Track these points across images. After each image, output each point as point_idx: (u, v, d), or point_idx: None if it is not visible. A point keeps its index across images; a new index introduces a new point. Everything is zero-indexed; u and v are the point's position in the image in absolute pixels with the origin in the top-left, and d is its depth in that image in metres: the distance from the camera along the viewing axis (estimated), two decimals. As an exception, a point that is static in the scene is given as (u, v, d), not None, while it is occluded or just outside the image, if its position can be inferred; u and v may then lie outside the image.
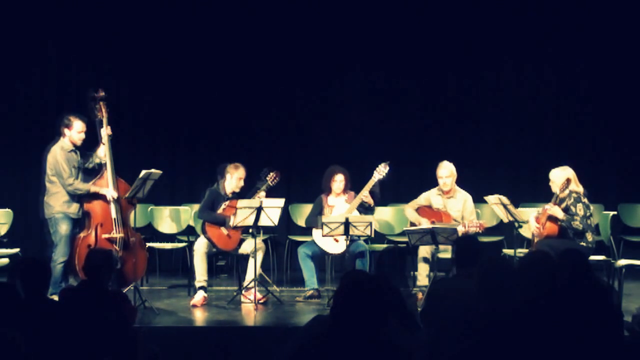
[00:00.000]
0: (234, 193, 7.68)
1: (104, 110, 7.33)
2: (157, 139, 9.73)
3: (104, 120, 7.30)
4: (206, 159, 9.54)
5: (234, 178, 7.64)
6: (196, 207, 7.90)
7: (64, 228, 7.11)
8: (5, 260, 7.41)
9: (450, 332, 3.89)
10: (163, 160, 9.06)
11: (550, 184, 7.28)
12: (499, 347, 3.51)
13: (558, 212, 7.11)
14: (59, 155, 7.14)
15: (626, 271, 7.16)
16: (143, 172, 7.20)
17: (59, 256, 7.00)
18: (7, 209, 8.32)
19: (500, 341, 3.51)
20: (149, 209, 8.95)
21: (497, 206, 7.55)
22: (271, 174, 7.68)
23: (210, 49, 9.58)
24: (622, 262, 7.26)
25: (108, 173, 7.19)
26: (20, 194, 9.14)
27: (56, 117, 7.40)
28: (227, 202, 7.62)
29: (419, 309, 6.22)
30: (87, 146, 7.41)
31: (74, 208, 7.17)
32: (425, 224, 7.51)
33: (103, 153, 7.27)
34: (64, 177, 7.10)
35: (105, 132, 7.27)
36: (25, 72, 9.44)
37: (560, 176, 7.19)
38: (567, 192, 7.16)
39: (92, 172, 7.35)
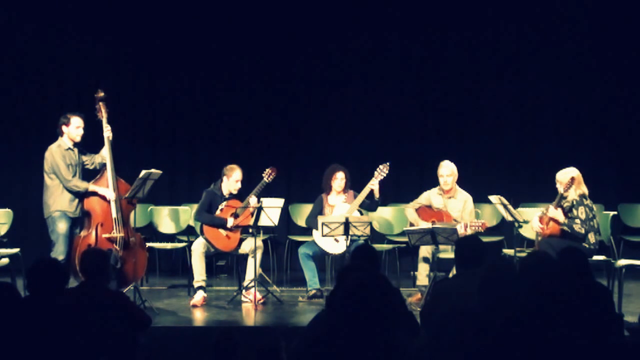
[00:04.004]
0: (231, 194, 7.69)
1: (103, 110, 7.35)
2: (157, 139, 9.74)
3: (104, 121, 7.32)
4: (206, 159, 9.55)
5: (231, 180, 7.64)
6: (196, 207, 7.90)
7: (61, 227, 7.11)
8: (6, 260, 7.40)
9: (450, 333, 3.89)
10: (163, 160, 9.06)
11: (557, 184, 7.28)
12: (500, 348, 3.50)
13: (559, 216, 7.10)
14: (55, 153, 7.17)
15: (626, 271, 7.16)
16: (143, 172, 7.21)
17: (57, 255, 6.98)
18: (7, 209, 8.31)
19: (501, 342, 3.51)
20: (149, 209, 8.94)
21: (498, 206, 7.56)
22: (267, 170, 7.67)
23: (210, 49, 9.59)
24: (622, 262, 7.26)
25: (108, 173, 7.19)
26: (20, 194, 9.15)
27: (56, 117, 7.39)
28: (224, 203, 7.63)
29: (418, 309, 6.23)
30: (91, 147, 7.42)
31: (73, 206, 7.17)
32: (423, 226, 7.51)
33: (105, 153, 7.29)
34: (62, 174, 7.11)
35: (105, 132, 7.29)
36: (25, 72, 9.44)
37: (566, 176, 7.18)
38: (570, 193, 7.15)
39: (94, 173, 7.37)
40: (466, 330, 3.60)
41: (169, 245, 8.73)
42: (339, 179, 7.92)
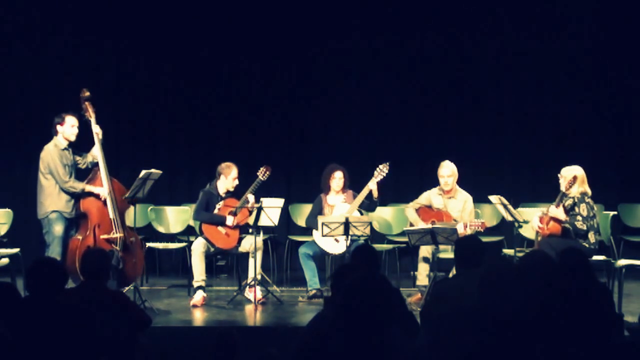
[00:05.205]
0: (228, 192, 7.70)
1: (90, 110, 7.33)
2: (157, 139, 9.73)
3: (92, 120, 7.30)
4: (206, 159, 9.53)
5: (229, 178, 7.65)
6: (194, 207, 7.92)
7: (57, 229, 7.07)
8: (6, 260, 7.39)
9: (450, 333, 3.89)
10: (163, 160, 9.05)
11: (560, 179, 7.29)
12: (499, 348, 3.50)
13: (560, 214, 7.11)
14: (53, 153, 7.14)
15: (626, 271, 7.16)
16: (143, 172, 7.21)
17: (53, 256, 6.95)
18: (7, 209, 8.31)
19: (501, 342, 3.51)
20: (149, 209, 8.94)
21: (498, 206, 7.57)
22: (261, 169, 7.68)
23: (210, 49, 9.58)
24: (622, 262, 7.26)
25: (101, 172, 7.17)
26: (20, 194, 9.13)
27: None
28: (221, 202, 7.63)
29: (418, 309, 6.23)
30: (83, 147, 7.41)
31: (69, 207, 7.14)
32: (423, 226, 7.51)
33: (96, 152, 7.27)
34: (59, 174, 7.09)
35: (94, 131, 7.28)
36: (25, 72, 9.43)
37: (570, 173, 7.20)
38: (572, 191, 7.17)
39: (86, 172, 7.35)
40: (466, 331, 3.60)
41: (168, 245, 8.73)
42: (337, 179, 7.92)
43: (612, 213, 8.05)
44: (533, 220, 7.39)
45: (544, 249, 6.56)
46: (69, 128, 7.22)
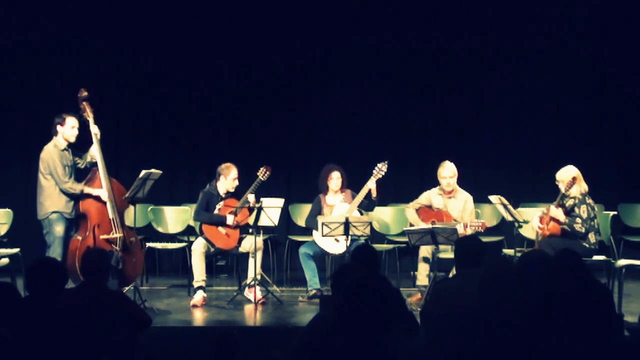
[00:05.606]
0: (228, 193, 7.70)
1: (88, 110, 7.32)
2: (157, 138, 9.74)
3: (90, 120, 7.29)
4: (206, 159, 9.54)
5: (229, 179, 7.66)
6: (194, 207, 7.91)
7: (58, 229, 7.07)
8: (6, 260, 7.39)
9: (450, 333, 3.89)
10: (163, 160, 9.05)
11: (558, 184, 7.29)
12: (499, 348, 3.50)
13: (560, 215, 7.11)
14: (53, 153, 7.13)
15: (626, 271, 7.16)
16: (143, 172, 7.20)
17: (54, 257, 6.94)
18: (7, 209, 8.31)
19: (500, 342, 3.51)
20: (149, 209, 8.94)
21: (498, 206, 7.57)
22: (262, 169, 7.68)
23: (210, 49, 9.58)
24: (622, 262, 7.26)
25: (100, 172, 7.17)
26: (20, 194, 9.14)
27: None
28: (221, 203, 7.64)
29: (418, 309, 6.23)
30: (82, 147, 7.41)
31: (69, 207, 7.13)
32: (423, 226, 7.51)
33: (94, 152, 7.26)
34: (59, 175, 7.08)
35: (92, 131, 7.27)
36: (25, 72, 9.44)
37: (567, 175, 7.20)
38: (572, 191, 7.17)
39: (85, 172, 7.35)
40: (466, 331, 3.60)
41: (168, 245, 8.73)
42: (334, 179, 7.93)
43: (612, 213, 8.05)
44: (533, 220, 7.39)
45: (544, 249, 6.57)
46: (69, 129, 7.21)
